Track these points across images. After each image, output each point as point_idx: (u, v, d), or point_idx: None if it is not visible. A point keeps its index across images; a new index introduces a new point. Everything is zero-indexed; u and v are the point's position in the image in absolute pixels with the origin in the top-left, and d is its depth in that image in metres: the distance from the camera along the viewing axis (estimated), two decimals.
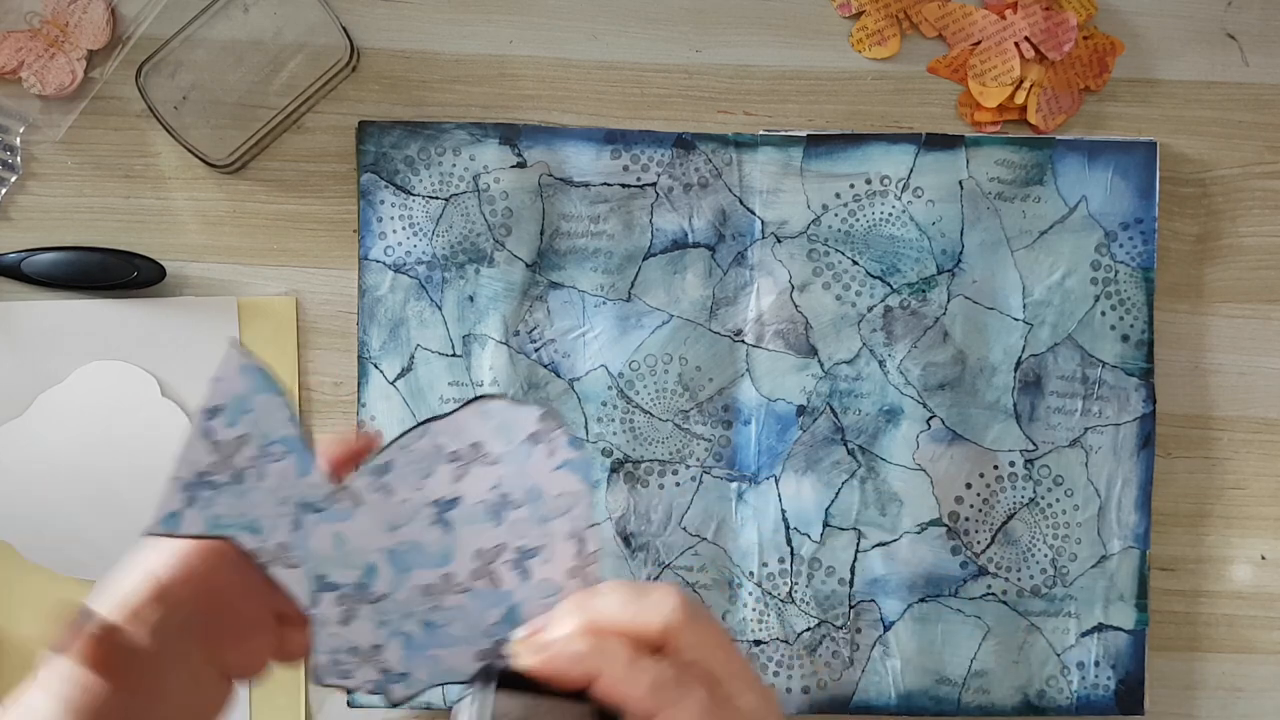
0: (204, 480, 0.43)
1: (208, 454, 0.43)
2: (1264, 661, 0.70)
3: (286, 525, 0.44)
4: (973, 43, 0.70)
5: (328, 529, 0.45)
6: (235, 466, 0.43)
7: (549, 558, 0.45)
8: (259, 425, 0.43)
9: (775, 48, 0.69)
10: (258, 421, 0.43)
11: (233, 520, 0.43)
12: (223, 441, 0.43)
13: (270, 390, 0.43)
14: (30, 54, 0.66)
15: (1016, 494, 0.68)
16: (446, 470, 0.45)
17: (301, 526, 0.44)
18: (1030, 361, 0.68)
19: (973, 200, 0.68)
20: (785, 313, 0.68)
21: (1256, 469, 0.70)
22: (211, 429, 0.43)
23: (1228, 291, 0.70)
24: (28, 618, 0.66)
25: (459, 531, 0.45)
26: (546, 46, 0.69)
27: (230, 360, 0.43)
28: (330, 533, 0.45)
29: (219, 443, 0.43)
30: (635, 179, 0.68)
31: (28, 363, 0.66)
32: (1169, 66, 0.70)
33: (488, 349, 0.67)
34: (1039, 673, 0.68)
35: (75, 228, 0.68)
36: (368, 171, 0.67)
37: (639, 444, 0.68)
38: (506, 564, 0.46)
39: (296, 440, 0.44)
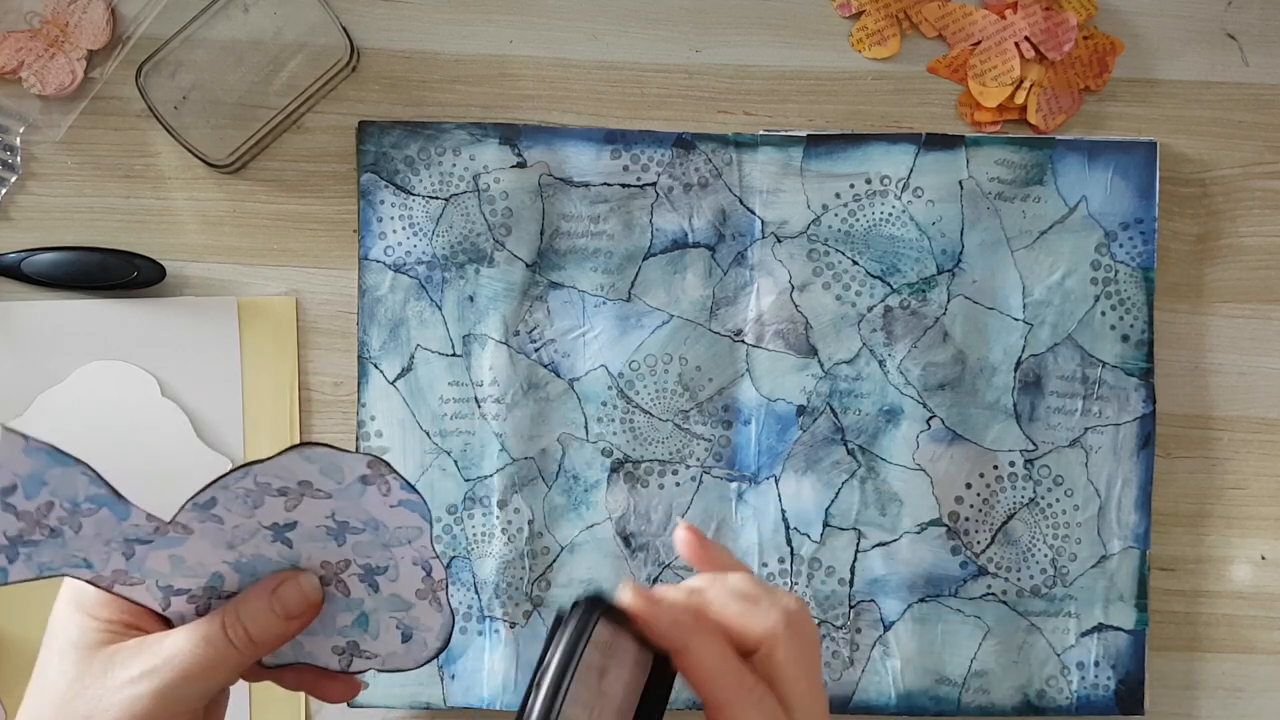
0: (20, 540, 0.42)
1: (15, 523, 0.42)
2: (1264, 661, 0.70)
3: (119, 557, 0.44)
4: (973, 43, 0.70)
5: (163, 553, 0.45)
6: (47, 525, 0.42)
7: (395, 577, 0.46)
8: (60, 493, 0.42)
9: (775, 48, 0.69)
10: (57, 490, 0.42)
11: (62, 562, 0.44)
12: (26, 510, 0.42)
13: (63, 464, 0.42)
14: (30, 54, 0.66)
15: (1016, 494, 0.68)
16: (277, 502, 0.44)
17: (134, 555, 0.44)
18: (1030, 361, 0.68)
19: (973, 200, 0.68)
20: (785, 313, 0.68)
21: (1256, 469, 0.70)
22: (10, 504, 0.41)
23: (1228, 291, 0.70)
24: (28, 618, 0.66)
25: (302, 547, 0.46)
26: (546, 46, 0.69)
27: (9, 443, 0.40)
28: (166, 556, 0.45)
29: (23, 512, 0.42)
30: (635, 179, 0.68)
31: (28, 363, 0.66)
32: (1169, 66, 0.70)
33: (488, 349, 0.67)
34: (1039, 673, 0.68)
35: (75, 228, 0.68)
36: (368, 171, 0.67)
37: (639, 444, 0.68)
38: (354, 576, 0.47)
39: (107, 497, 0.43)
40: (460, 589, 0.67)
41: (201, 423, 0.67)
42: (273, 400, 0.67)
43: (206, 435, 0.67)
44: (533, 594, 0.67)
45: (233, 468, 0.43)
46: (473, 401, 0.67)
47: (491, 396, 0.67)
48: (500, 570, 0.67)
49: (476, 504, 0.67)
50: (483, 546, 0.67)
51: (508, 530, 0.67)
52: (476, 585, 0.67)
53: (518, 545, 0.67)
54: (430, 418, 0.67)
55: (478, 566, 0.67)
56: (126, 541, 0.44)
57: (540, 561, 0.67)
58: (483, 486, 0.67)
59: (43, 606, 0.65)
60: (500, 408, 0.67)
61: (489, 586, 0.67)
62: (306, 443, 0.43)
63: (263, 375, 0.67)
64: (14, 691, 0.65)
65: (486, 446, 0.67)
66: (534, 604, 0.67)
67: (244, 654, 0.45)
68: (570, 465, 0.67)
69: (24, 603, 0.66)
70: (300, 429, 0.67)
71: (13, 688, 0.65)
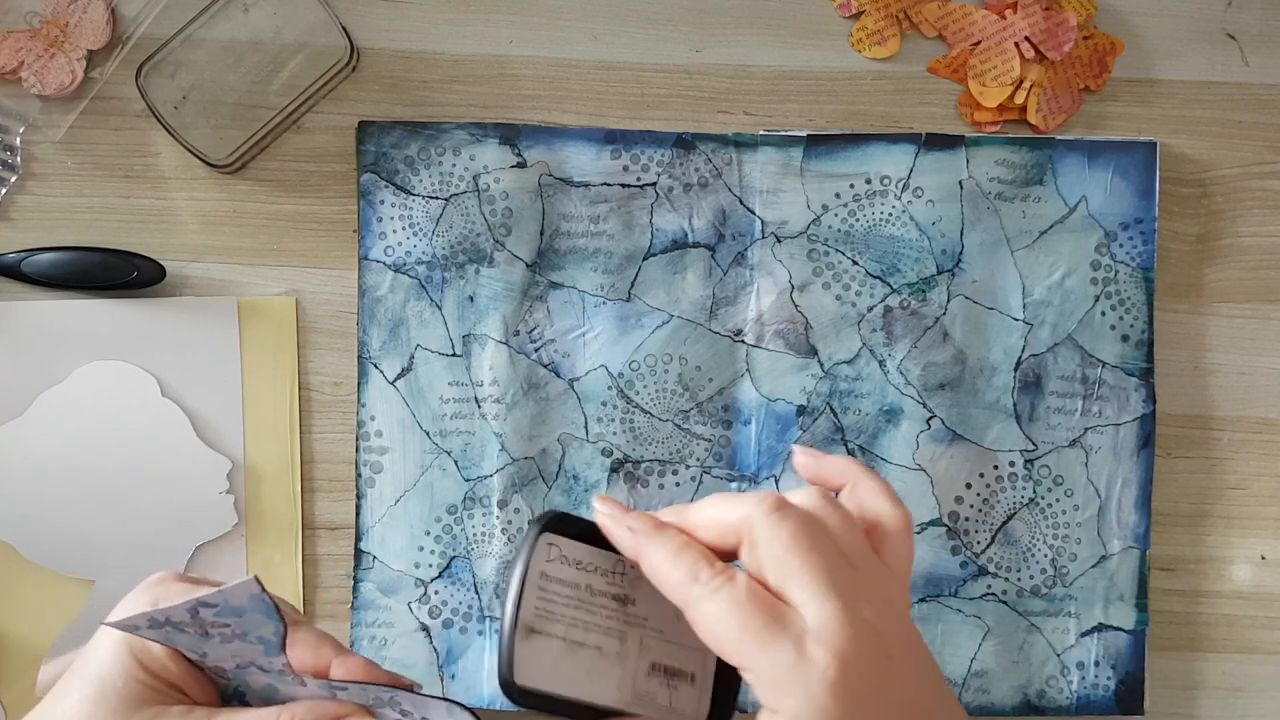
0: (172, 624, 0.43)
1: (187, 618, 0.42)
2: (1264, 661, 0.70)
3: (231, 664, 0.44)
4: (973, 43, 0.70)
5: (265, 679, 0.45)
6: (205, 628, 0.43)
7: None
8: (243, 625, 0.43)
9: (775, 48, 0.69)
10: (243, 624, 0.43)
11: (185, 646, 0.44)
12: (205, 620, 0.42)
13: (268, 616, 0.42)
14: (30, 54, 0.66)
15: (1016, 494, 0.68)
16: (391, 714, 0.45)
17: (246, 670, 0.45)
18: (1030, 361, 0.68)
19: (973, 200, 0.68)
20: (785, 313, 0.68)
21: (1256, 469, 0.70)
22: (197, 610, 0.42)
23: (1228, 291, 0.70)
24: (28, 618, 0.66)
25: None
26: (546, 46, 0.69)
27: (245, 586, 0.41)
28: (265, 681, 0.45)
29: (201, 620, 0.42)
30: (635, 179, 0.68)
31: (28, 363, 0.66)
32: (1169, 66, 0.70)
33: (488, 349, 0.67)
34: (1039, 673, 0.68)
35: (75, 228, 0.68)
36: (368, 171, 0.67)
37: (639, 444, 0.68)
38: None
39: (274, 640, 0.43)
40: (460, 589, 0.67)
41: (201, 423, 0.67)
42: (273, 400, 0.67)
43: (206, 435, 0.67)
44: None
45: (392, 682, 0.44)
46: (473, 401, 0.67)
47: (491, 396, 0.67)
48: (500, 570, 0.67)
49: (476, 504, 0.67)
50: (483, 546, 0.67)
51: (508, 530, 0.67)
52: (476, 585, 0.67)
53: (518, 545, 0.67)
54: (430, 418, 0.67)
55: (478, 566, 0.67)
56: (252, 664, 0.44)
57: None
58: (483, 486, 0.67)
59: (43, 606, 0.65)
60: (500, 408, 0.67)
61: (489, 586, 0.67)
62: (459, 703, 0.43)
63: (263, 375, 0.67)
64: (13, 689, 0.65)
65: (486, 446, 0.67)
66: None
67: None
68: (570, 465, 0.67)
69: (24, 603, 0.66)
70: (300, 429, 0.67)
71: (12, 686, 0.65)
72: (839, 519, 0.41)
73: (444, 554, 0.67)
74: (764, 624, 0.38)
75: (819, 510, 0.41)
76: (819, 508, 0.41)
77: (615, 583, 0.43)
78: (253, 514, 0.67)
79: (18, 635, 0.66)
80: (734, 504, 0.40)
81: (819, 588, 0.38)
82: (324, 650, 0.45)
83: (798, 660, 0.37)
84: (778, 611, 0.38)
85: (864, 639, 0.38)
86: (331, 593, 0.67)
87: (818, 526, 0.40)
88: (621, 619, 0.42)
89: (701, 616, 0.39)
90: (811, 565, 0.38)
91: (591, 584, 0.42)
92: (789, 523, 0.39)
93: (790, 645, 0.37)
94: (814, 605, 0.38)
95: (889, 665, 0.38)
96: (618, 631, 0.42)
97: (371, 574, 0.67)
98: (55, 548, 0.66)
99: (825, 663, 0.37)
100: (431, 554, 0.67)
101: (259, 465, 0.67)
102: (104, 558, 0.66)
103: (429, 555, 0.67)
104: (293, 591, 0.67)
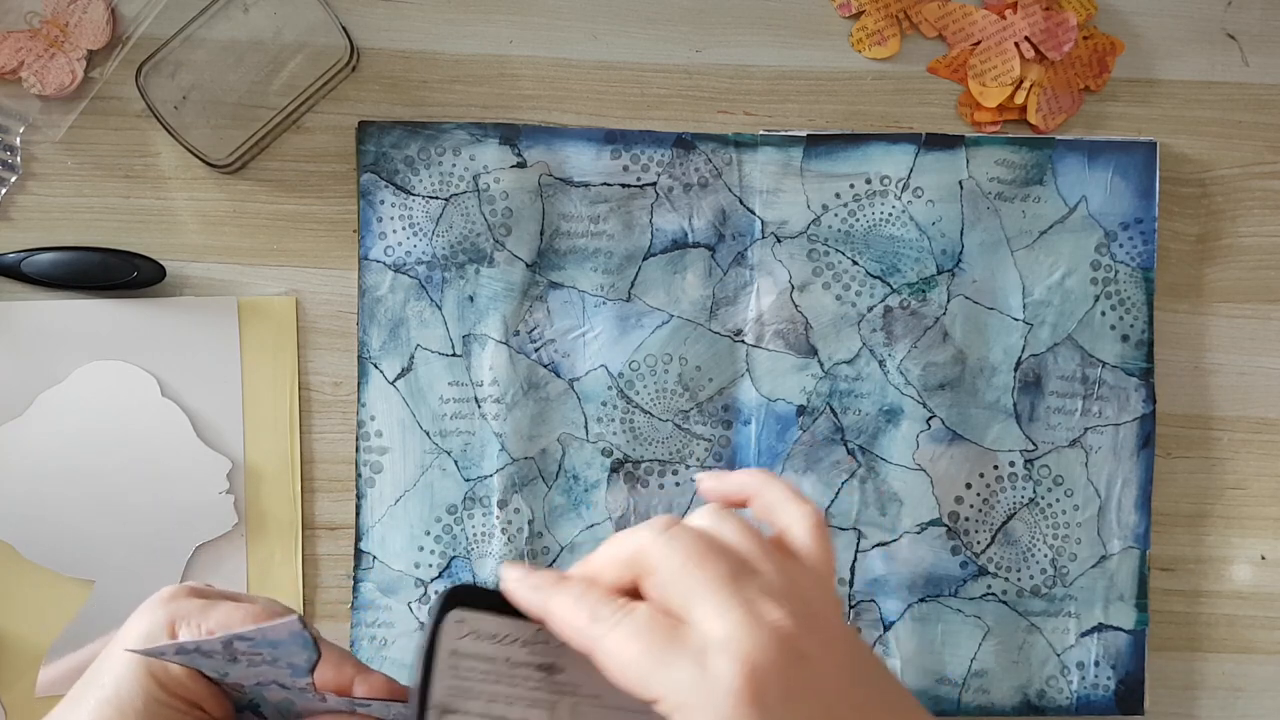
0: (201, 653, 0.42)
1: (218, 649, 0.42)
2: (1264, 661, 0.70)
3: (252, 682, 0.44)
4: (973, 43, 0.70)
5: (284, 694, 0.45)
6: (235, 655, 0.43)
7: None
8: (275, 654, 0.43)
9: (775, 48, 0.69)
10: (276, 653, 0.43)
11: (210, 669, 0.44)
12: (237, 650, 0.42)
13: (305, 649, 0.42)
14: (30, 54, 0.66)
15: (1016, 494, 0.68)
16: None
17: (267, 689, 0.45)
18: (1030, 361, 0.68)
19: (973, 200, 0.68)
20: (785, 313, 0.68)
21: (1256, 469, 0.70)
22: (231, 643, 0.42)
23: (1228, 291, 0.70)
24: (28, 618, 0.66)
25: None
26: (546, 46, 0.69)
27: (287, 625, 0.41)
28: (283, 696, 0.45)
29: (233, 650, 0.42)
30: (635, 179, 0.68)
31: (28, 363, 0.66)
32: (1169, 66, 0.70)
33: (488, 349, 0.67)
34: (1039, 673, 0.68)
35: (75, 228, 0.68)
36: (368, 171, 0.67)
37: (639, 444, 0.68)
38: None
39: (304, 667, 0.43)
40: None
41: (201, 423, 0.67)
42: (273, 400, 0.67)
43: (206, 435, 0.67)
44: None
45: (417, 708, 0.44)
46: (473, 401, 0.67)
47: (491, 396, 0.67)
48: (500, 570, 0.67)
49: (476, 504, 0.67)
50: (483, 546, 0.67)
51: (508, 530, 0.67)
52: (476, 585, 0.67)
53: (518, 545, 0.67)
54: (430, 418, 0.67)
55: (478, 566, 0.67)
56: (274, 683, 0.44)
57: (540, 561, 0.67)
58: (483, 486, 0.67)
59: (43, 606, 0.65)
60: (500, 408, 0.67)
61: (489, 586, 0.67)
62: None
63: (263, 375, 0.67)
64: (13, 689, 0.65)
65: (486, 446, 0.67)
66: None
67: None
68: (570, 465, 0.67)
69: (24, 603, 0.66)
70: (300, 429, 0.67)
71: (12, 686, 0.65)
72: (733, 527, 0.40)
73: (444, 554, 0.67)
74: (662, 646, 0.36)
75: (712, 524, 0.40)
76: (712, 521, 0.40)
77: (538, 652, 0.40)
78: (253, 514, 0.67)
79: (18, 635, 0.66)
80: (628, 537, 0.39)
81: (717, 598, 0.37)
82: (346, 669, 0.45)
83: (700, 677, 0.36)
84: (677, 632, 0.37)
85: (770, 642, 0.36)
86: (331, 593, 0.67)
87: (711, 539, 0.39)
88: (549, 688, 0.40)
89: (606, 655, 0.37)
90: (707, 577, 0.37)
91: (510, 656, 0.40)
92: (679, 541, 0.38)
93: (690, 662, 0.36)
94: (713, 617, 0.37)
95: (803, 664, 0.37)
96: (546, 701, 0.40)
97: (371, 574, 0.67)
98: (55, 548, 0.66)
99: (728, 673, 0.36)
100: (431, 554, 0.67)
101: (259, 465, 0.67)
102: (104, 558, 0.66)
103: (429, 555, 0.67)
104: (293, 592, 0.67)
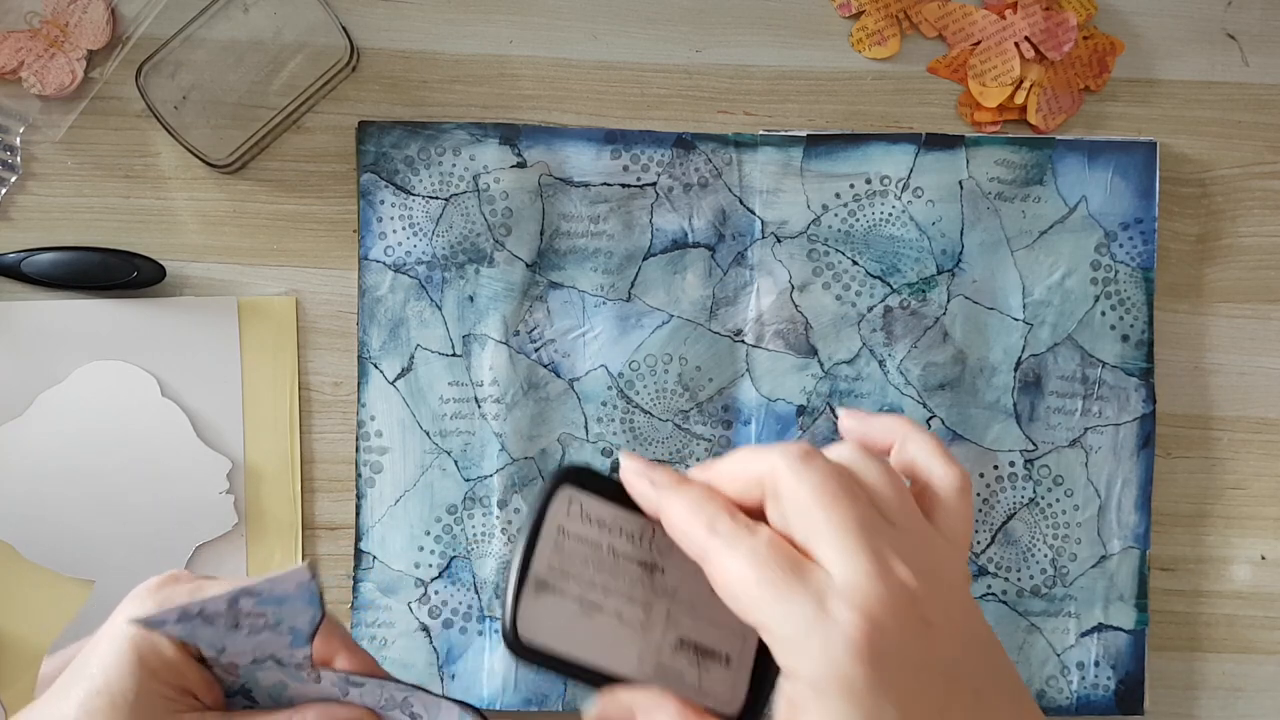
0: (204, 616, 0.42)
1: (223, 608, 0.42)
2: (1264, 661, 0.70)
3: (248, 659, 0.44)
4: (973, 43, 0.70)
5: (278, 676, 0.45)
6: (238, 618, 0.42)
7: None
8: (279, 614, 0.42)
9: (775, 48, 0.69)
10: (280, 613, 0.42)
11: (206, 642, 0.43)
12: (241, 609, 0.42)
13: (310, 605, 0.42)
14: (30, 54, 0.66)
15: (1016, 494, 0.68)
16: (401, 717, 0.45)
17: (261, 668, 0.44)
18: (1030, 361, 0.68)
19: (973, 200, 0.68)
20: (785, 313, 0.68)
21: (1256, 469, 0.70)
22: (237, 600, 0.42)
23: (1228, 291, 0.70)
24: (28, 618, 0.66)
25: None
26: (546, 46, 0.69)
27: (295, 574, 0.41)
28: (277, 679, 0.45)
29: (237, 609, 0.42)
30: (635, 179, 0.68)
31: (28, 363, 0.66)
32: (1169, 66, 0.70)
33: (488, 349, 0.67)
34: (1039, 673, 0.68)
35: (75, 228, 0.68)
36: (368, 171, 0.67)
37: (639, 444, 0.68)
38: None
39: (304, 634, 0.43)
40: (460, 589, 0.67)
41: (201, 423, 0.67)
42: (273, 400, 0.67)
43: (206, 435, 0.67)
44: None
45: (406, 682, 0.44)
46: (473, 401, 0.67)
47: (491, 396, 0.67)
48: (500, 570, 0.67)
49: (476, 504, 0.67)
50: (483, 546, 0.67)
51: (508, 530, 0.67)
52: (476, 585, 0.67)
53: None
54: (430, 418, 0.67)
55: (478, 566, 0.67)
56: (270, 656, 0.43)
57: None
58: (483, 486, 0.67)
59: (43, 606, 0.65)
60: (500, 408, 0.67)
61: (489, 586, 0.67)
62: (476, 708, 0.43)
63: (263, 375, 0.67)
64: (13, 688, 0.65)
65: (486, 446, 0.67)
66: None
67: None
68: None
69: (24, 603, 0.66)
70: (300, 429, 0.67)
71: (12, 686, 0.65)
72: (878, 472, 0.38)
73: (444, 554, 0.67)
74: (782, 577, 0.35)
75: (854, 462, 0.38)
76: (854, 459, 0.38)
77: (642, 548, 0.40)
78: (253, 514, 0.67)
79: (18, 635, 0.66)
80: (760, 455, 0.37)
81: (847, 541, 0.35)
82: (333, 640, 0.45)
83: (818, 617, 0.34)
84: (799, 565, 0.35)
85: (896, 600, 0.34)
86: (331, 593, 0.67)
87: (849, 477, 0.37)
88: (647, 587, 0.40)
89: (718, 570, 0.36)
90: (839, 517, 0.35)
91: (614, 546, 0.39)
92: (815, 472, 0.36)
93: (810, 600, 0.34)
94: (840, 560, 0.35)
95: (926, 631, 0.35)
96: (642, 600, 0.40)
97: (371, 574, 0.67)
98: (55, 548, 0.66)
99: (848, 621, 0.34)
100: (431, 554, 0.67)
101: (259, 465, 0.67)
102: (104, 558, 0.66)
103: (429, 555, 0.67)
104: None
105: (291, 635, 0.43)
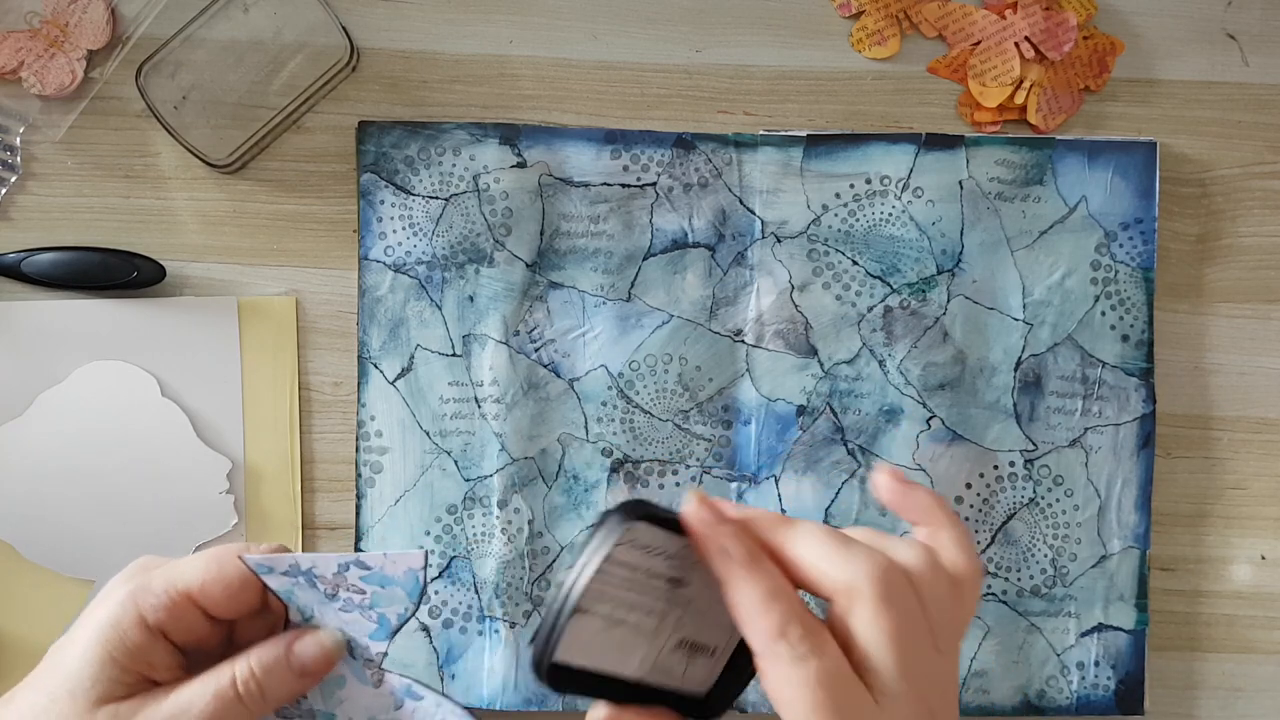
0: (306, 575, 0.44)
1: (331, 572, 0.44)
2: (1264, 661, 0.70)
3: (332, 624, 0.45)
4: (973, 43, 0.70)
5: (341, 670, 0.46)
6: (338, 588, 0.44)
7: None
8: (380, 596, 0.44)
9: (775, 48, 0.69)
10: (380, 595, 0.44)
11: (298, 604, 0.45)
12: (346, 580, 0.44)
13: (410, 598, 0.44)
14: (30, 54, 0.66)
15: (1016, 494, 0.68)
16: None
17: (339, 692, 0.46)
18: (1030, 361, 0.68)
19: (973, 200, 0.68)
20: (785, 313, 0.68)
21: (1256, 469, 0.70)
22: (348, 567, 0.43)
23: (1228, 291, 0.70)
24: (28, 618, 0.66)
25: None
26: (546, 46, 0.69)
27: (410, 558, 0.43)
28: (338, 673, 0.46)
29: (342, 578, 0.44)
30: (635, 179, 0.68)
31: (28, 363, 0.66)
32: (1169, 66, 0.70)
33: (488, 349, 0.67)
34: (1039, 673, 0.68)
35: (75, 228, 0.68)
36: (368, 171, 0.67)
37: (639, 444, 0.68)
38: None
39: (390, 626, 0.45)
40: (460, 589, 0.67)
41: (201, 423, 0.67)
42: (273, 400, 0.67)
43: (206, 435, 0.67)
44: (533, 594, 0.67)
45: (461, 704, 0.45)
46: (473, 401, 0.67)
47: (491, 396, 0.67)
48: (500, 570, 0.67)
49: (476, 504, 0.67)
50: (483, 546, 0.67)
51: (508, 530, 0.67)
52: (476, 585, 0.67)
53: (518, 545, 0.67)
54: (430, 418, 0.67)
55: (478, 566, 0.67)
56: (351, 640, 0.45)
57: (540, 561, 0.67)
58: (483, 486, 0.67)
59: (43, 606, 0.65)
60: (500, 408, 0.67)
61: (489, 586, 0.67)
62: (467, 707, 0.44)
63: (263, 375, 0.67)
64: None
65: (486, 446, 0.67)
66: (534, 604, 0.67)
67: (252, 711, 0.43)
68: (570, 465, 0.67)
69: (24, 603, 0.66)
70: (300, 429, 0.67)
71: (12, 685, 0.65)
72: (944, 592, 0.40)
73: (444, 554, 0.67)
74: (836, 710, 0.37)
75: (924, 577, 0.40)
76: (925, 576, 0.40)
77: (674, 566, 0.40)
78: (253, 514, 0.67)
79: (18, 635, 0.66)
80: (843, 561, 0.39)
81: (902, 688, 0.38)
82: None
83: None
84: (855, 703, 0.38)
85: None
86: None
87: (919, 617, 0.39)
88: (667, 599, 0.40)
89: (777, 674, 0.38)
90: (904, 659, 0.38)
91: (652, 567, 0.40)
92: (895, 616, 0.38)
93: None
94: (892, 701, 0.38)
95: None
96: (659, 610, 0.40)
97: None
98: (55, 548, 0.66)
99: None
100: (431, 554, 0.67)
101: (259, 465, 0.67)
102: (104, 558, 0.66)
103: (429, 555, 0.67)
104: None
105: (378, 623, 0.44)
